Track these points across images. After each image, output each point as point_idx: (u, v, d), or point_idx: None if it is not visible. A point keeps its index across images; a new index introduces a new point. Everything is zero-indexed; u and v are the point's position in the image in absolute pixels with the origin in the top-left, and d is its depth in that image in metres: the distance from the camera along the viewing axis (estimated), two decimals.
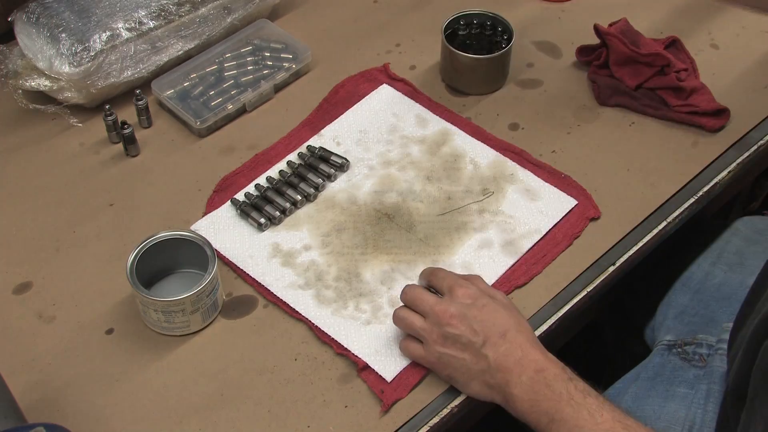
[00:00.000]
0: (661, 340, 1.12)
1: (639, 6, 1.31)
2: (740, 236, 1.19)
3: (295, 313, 0.98)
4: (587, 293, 1.01)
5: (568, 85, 1.22)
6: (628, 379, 1.09)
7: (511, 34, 1.19)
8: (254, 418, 0.90)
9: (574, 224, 1.06)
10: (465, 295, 0.89)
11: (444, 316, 0.88)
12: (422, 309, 0.90)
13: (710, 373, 1.04)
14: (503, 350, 0.86)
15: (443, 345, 0.88)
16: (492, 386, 0.87)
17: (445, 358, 0.88)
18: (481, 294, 0.90)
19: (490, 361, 0.86)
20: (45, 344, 0.95)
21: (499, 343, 0.86)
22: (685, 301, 1.14)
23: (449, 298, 0.89)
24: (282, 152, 1.13)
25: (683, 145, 1.14)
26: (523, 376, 0.85)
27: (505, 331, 0.87)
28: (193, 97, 1.16)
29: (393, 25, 1.30)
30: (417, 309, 0.91)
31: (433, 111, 1.18)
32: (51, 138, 1.15)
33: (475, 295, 0.89)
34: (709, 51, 1.26)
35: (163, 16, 1.15)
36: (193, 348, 0.96)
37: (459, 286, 0.90)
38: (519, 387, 0.85)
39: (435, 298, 0.90)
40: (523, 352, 0.86)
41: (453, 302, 0.89)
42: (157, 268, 0.99)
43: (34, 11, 1.13)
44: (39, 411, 0.90)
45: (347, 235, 1.05)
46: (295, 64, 1.21)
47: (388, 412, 0.90)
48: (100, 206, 1.08)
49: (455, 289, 0.90)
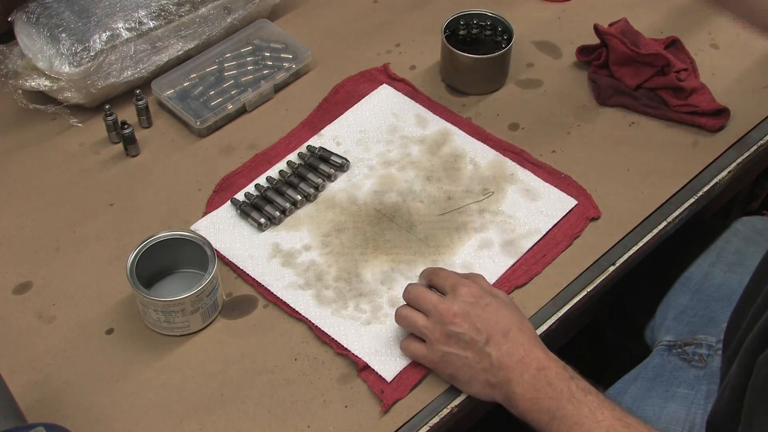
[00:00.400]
0: (661, 341, 1.12)
1: (639, 6, 1.31)
2: (740, 236, 1.19)
3: (295, 313, 0.98)
4: (587, 293, 1.01)
5: (568, 85, 1.22)
6: (628, 380, 1.09)
7: (511, 34, 1.19)
8: (254, 418, 0.90)
9: (574, 224, 1.05)
10: (468, 293, 0.89)
11: (447, 314, 0.88)
12: (425, 307, 0.90)
13: (710, 373, 1.04)
14: (506, 349, 0.86)
15: (446, 343, 0.88)
16: (494, 385, 0.87)
17: (448, 357, 0.88)
18: (483, 293, 0.90)
19: (493, 360, 0.86)
20: (45, 344, 0.95)
21: (501, 341, 0.87)
22: (684, 302, 1.14)
23: (452, 297, 0.89)
24: (282, 152, 1.13)
25: (683, 145, 1.14)
26: (525, 375, 0.85)
27: (507, 330, 0.87)
28: (193, 97, 1.16)
29: (393, 25, 1.30)
30: (420, 307, 0.91)
31: (433, 111, 1.18)
32: (51, 138, 1.15)
33: (478, 294, 0.89)
34: (709, 51, 1.26)
35: (163, 16, 1.15)
36: (193, 348, 0.96)
37: (462, 285, 0.90)
38: (521, 385, 0.85)
39: (438, 297, 0.90)
40: (525, 350, 0.86)
41: (456, 300, 0.89)
42: (157, 268, 0.99)
43: (34, 11, 1.13)
44: (39, 411, 0.90)
45: (347, 235, 1.05)
46: (295, 64, 1.21)
47: (388, 412, 0.90)
48: (100, 206, 1.08)
49: (458, 287, 0.90)
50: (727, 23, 1.30)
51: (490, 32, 1.22)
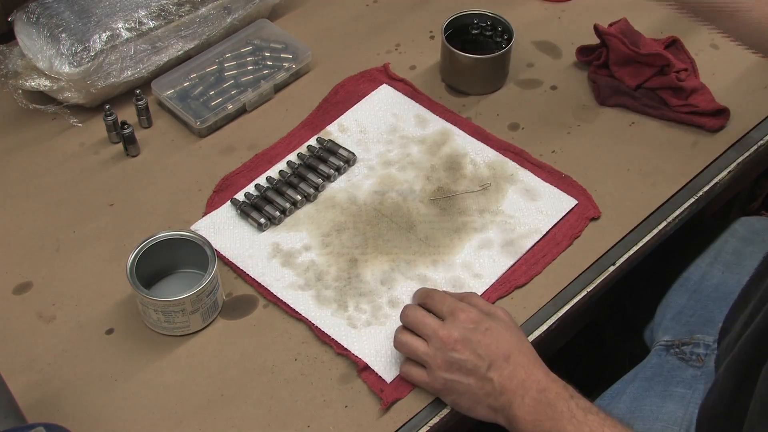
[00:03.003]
0: (659, 341, 1.12)
1: (639, 6, 1.31)
2: (738, 237, 1.19)
3: (295, 313, 0.98)
4: (587, 293, 1.01)
5: (568, 85, 1.22)
6: (627, 380, 1.09)
7: (511, 34, 1.19)
8: (254, 418, 0.90)
9: (574, 224, 1.06)
10: (467, 319, 0.88)
11: (449, 341, 0.87)
12: (424, 332, 0.89)
13: (708, 373, 1.04)
14: (507, 373, 0.86)
15: (448, 370, 0.87)
16: (496, 409, 0.86)
17: (450, 384, 0.88)
18: (482, 317, 0.89)
19: (495, 384, 0.86)
20: (45, 344, 0.95)
21: (503, 366, 0.86)
22: (682, 302, 1.14)
23: (451, 323, 0.88)
24: (282, 152, 1.13)
25: (683, 145, 1.14)
26: (526, 397, 0.85)
27: (508, 354, 0.87)
28: (193, 97, 1.16)
29: (393, 25, 1.30)
30: (419, 332, 0.90)
31: (433, 111, 1.18)
32: (51, 138, 1.15)
33: (477, 319, 0.88)
34: (709, 51, 1.26)
35: (163, 16, 1.15)
36: (193, 348, 0.96)
37: (460, 311, 0.89)
38: (522, 408, 0.85)
39: (437, 322, 0.89)
40: (526, 372, 0.86)
41: (456, 327, 0.87)
42: (157, 268, 0.99)
43: (34, 11, 1.13)
44: (39, 411, 0.90)
45: (347, 235, 1.05)
46: (295, 64, 1.21)
47: (388, 412, 0.90)
48: (100, 206, 1.08)
49: (457, 313, 0.88)
50: None
51: (490, 32, 1.22)
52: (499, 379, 0.86)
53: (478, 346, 0.87)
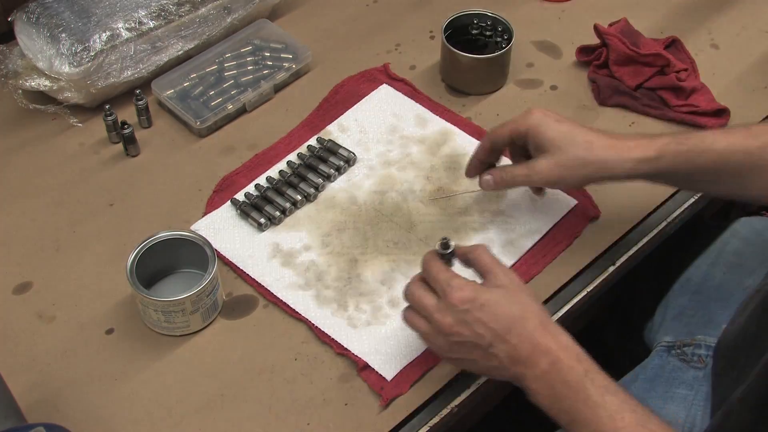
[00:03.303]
0: (660, 341, 1.12)
1: (639, 6, 1.31)
2: (739, 237, 1.19)
3: (295, 313, 0.98)
4: (587, 293, 1.01)
5: (568, 85, 1.22)
6: (628, 381, 1.08)
7: (511, 34, 1.19)
8: (254, 417, 0.90)
9: (574, 224, 1.06)
10: (459, 300, 0.84)
11: (444, 326, 0.85)
12: (423, 314, 0.87)
13: (709, 374, 1.04)
14: (512, 346, 0.83)
15: (450, 350, 0.86)
16: (510, 378, 0.85)
17: (457, 361, 0.88)
18: (476, 293, 0.84)
19: (502, 359, 0.83)
20: (45, 344, 0.95)
21: (506, 339, 0.83)
22: (683, 302, 1.14)
23: (445, 306, 0.85)
24: (282, 152, 1.13)
25: None
26: (537, 370, 0.82)
27: (510, 326, 0.83)
28: (193, 97, 1.16)
29: (393, 25, 1.30)
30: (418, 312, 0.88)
31: (433, 111, 1.18)
32: (51, 138, 1.15)
33: (471, 297, 0.84)
34: (709, 51, 1.26)
35: (163, 16, 1.15)
36: (193, 348, 0.96)
37: (452, 290, 0.85)
38: (535, 381, 0.82)
39: (434, 303, 0.86)
40: (533, 344, 0.82)
41: (449, 311, 0.84)
42: (157, 268, 0.99)
43: (34, 11, 1.13)
44: (39, 411, 0.90)
45: (347, 235, 1.05)
46: (295, 64, 1.21)
47: (387, 409, 0.90)
48: (100, 206, 1.08)
49: (449, 294, 0.85)
50: (727, 23, 1.30)
51: (490, 32, 1.22)
52: (504, 354, 0.83)
53: (474, 324, 0.83)
